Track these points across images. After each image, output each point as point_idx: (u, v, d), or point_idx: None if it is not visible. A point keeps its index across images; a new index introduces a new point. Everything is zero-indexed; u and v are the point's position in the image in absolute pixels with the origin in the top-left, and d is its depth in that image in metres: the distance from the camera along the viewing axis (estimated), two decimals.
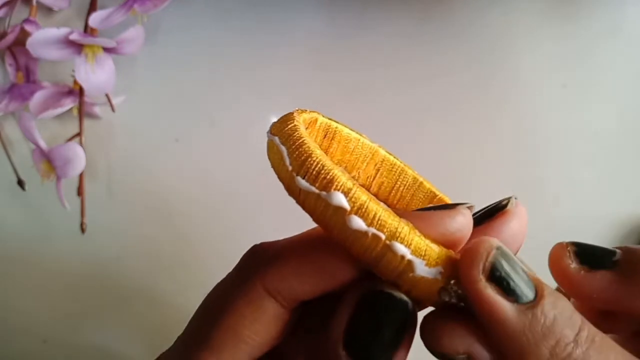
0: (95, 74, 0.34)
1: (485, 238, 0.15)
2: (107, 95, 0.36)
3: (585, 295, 0.17)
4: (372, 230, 0.14)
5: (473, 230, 0.16)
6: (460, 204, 0.17)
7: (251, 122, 0.38)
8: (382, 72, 0.39)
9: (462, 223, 0.16)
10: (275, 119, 0.19)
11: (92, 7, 0.36)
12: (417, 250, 0.15)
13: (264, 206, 0.37)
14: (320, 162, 0.15)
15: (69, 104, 0.36)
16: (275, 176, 0.17)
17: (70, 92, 0.36)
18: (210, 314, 0.18)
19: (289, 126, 0.16)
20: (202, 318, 0.19)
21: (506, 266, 0.15)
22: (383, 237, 0.14)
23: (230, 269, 0.20)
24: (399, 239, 0.15)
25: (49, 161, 0.34)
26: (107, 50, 0.35)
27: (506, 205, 0.17)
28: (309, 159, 0.15)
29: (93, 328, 0.37)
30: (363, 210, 0.15)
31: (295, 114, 0.17)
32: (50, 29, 0.33)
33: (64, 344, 0.37)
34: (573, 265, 0.17)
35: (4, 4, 0.36)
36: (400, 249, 0.14)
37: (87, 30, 0.35)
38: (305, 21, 0.39)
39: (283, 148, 0.16)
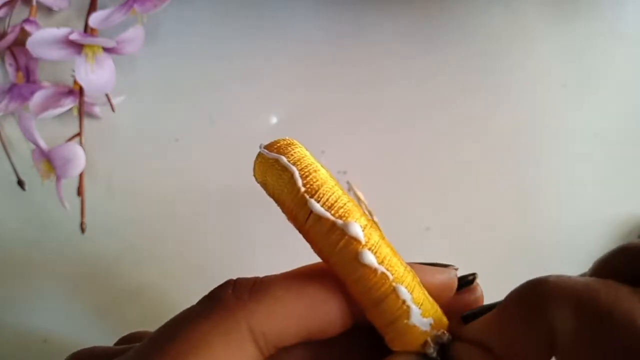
0: (95, 74, 0.34)
1: None
2: (107, 95, 0.36)
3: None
4: (382, 268, 0.14)
5: None
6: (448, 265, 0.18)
7: (251, 122, 0.38)
8: (381, 71, 0.39)
9: (453, 278, 0.17)
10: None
11: (92, 7, 0.36)
12: (417, 299, 0.15)
13: (264, 206, 0.37)
14: (337, 192, 0.15)
15: (69, 104, 0.36)
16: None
17: (70, 92, 0.36)
18: (180, 352, 0.15)
19: (297, 149, 0.15)
20: (168, 353, 0.15)
21: None
22: (391, 277, 0.14)
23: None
24: (404, 283, 0.14)
25: (49, 161, 0.34)
26: (107, 50, 0.35)
27: (472, 281, 0.18)
28: (325, 185, 0.15)
29: (93, 328, 0.37)
30: (376, 247, 0.14)
31: (296, 142, 0.16)
32: (50, 29, 0.33)
33: (64, 343, 0.37)
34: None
35: (4, 4, 0.36)
36: (404, 293, 0.14)
37: (87, 30, 0.35)
38: (305, 21, 0.39)
39: (294, 168, 0.15)
